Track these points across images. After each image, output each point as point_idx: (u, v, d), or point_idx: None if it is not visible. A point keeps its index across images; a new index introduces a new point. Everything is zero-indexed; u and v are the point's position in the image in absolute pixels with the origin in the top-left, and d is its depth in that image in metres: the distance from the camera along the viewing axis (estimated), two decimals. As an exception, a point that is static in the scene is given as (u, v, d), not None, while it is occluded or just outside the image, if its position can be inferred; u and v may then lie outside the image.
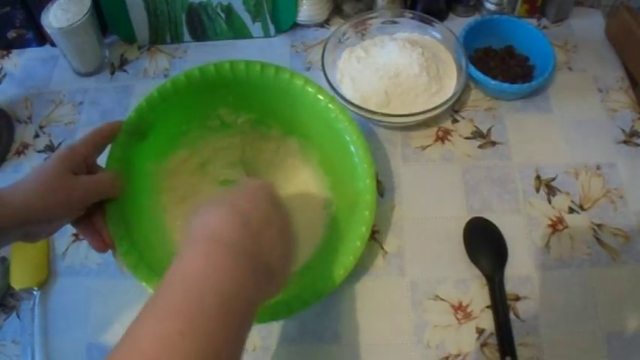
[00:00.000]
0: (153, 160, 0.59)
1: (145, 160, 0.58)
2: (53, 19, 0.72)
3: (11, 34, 0.82)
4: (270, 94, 0.59)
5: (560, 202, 0.64)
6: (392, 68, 0.69)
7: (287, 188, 0.63)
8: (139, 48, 0.82)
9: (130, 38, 0.82)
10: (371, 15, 0.76)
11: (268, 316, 0.51)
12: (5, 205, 0.45)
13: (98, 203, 0.52)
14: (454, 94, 0.67)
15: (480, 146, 0.69)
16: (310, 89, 0.57)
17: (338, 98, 0.67)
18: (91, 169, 0.52)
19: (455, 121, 0.71)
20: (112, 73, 0.80)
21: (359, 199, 0.55)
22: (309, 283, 0.53)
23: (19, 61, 0.83)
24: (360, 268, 0.60)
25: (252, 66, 0.57)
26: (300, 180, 0.64)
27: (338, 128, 0.57)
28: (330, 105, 0.57)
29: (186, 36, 0.81)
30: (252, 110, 0.62)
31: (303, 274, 0.55)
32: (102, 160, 0.54)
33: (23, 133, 0.75)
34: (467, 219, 0.63)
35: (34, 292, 0.61)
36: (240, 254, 0.39)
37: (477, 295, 0.58)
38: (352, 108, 0.67)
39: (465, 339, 0.56)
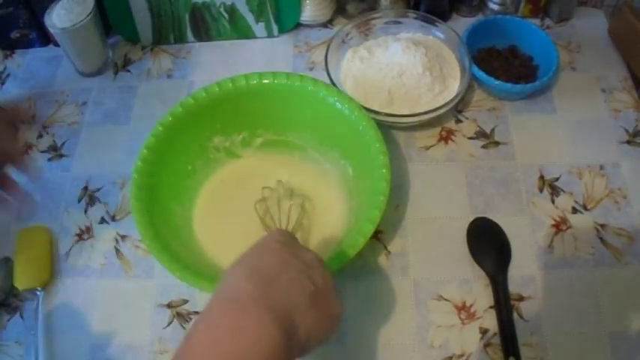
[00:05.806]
0: (175, 201, 0.63)
1: (167, 201, 0.62)
2: (56, 19, 0.72)
3: (15, 34, 0.82)
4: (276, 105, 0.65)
5: (564, 202, 0.64)
6: (395, 68, 0.69)
7: (313, 188, 0.65)
8: (143, 48, 0.82)
9: (133, 38, 0.82)
10: (374, 15, 0.76)
11: None
12: None
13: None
14: (457, 94, 0.67)
15: (483, 146, 0.68)
16: (330, 96, 0.62)
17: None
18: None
19: (458, 121, 0.71)
20: (116, 73, 0.80)
21: (375, 185, 0.57)
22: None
23: (22, 61, 0.83)
24: (363, 268, 0.60)
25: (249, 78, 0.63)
26: (323, 178, 0.66)
27: (358, 127, 0.61)
28: (348, 106, 0.62)
29: (190, 36, 0.81)
30: (270, 129, 0.67)
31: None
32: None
33: (27, 134, 0.75)
34: (470, 219, 0.63)
35: (38, 293, 0.61)
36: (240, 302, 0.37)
37: (481, 295, 0.58)
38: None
39: (469, 339, 0.56)
